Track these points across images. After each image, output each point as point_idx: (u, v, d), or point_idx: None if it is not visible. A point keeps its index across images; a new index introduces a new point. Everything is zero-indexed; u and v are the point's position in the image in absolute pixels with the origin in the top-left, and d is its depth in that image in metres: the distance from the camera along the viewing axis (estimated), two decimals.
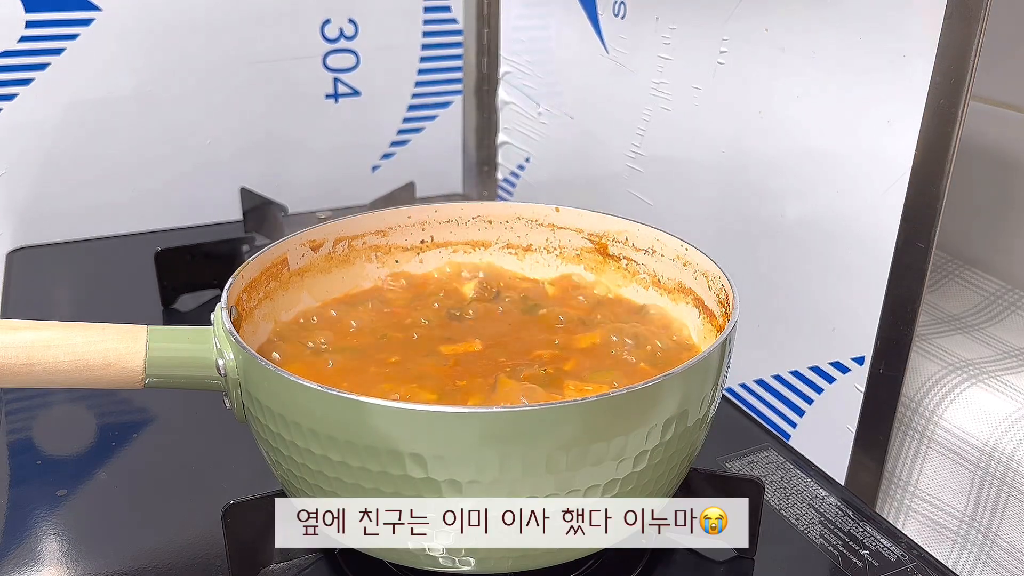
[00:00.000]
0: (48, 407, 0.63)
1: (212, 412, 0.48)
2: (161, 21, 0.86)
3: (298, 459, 0.42)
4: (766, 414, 0.67)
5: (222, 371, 0.44)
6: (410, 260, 0.60)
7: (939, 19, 0.49)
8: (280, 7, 0.90)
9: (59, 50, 0.84)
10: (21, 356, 0.42)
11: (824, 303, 0.60)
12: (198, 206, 0.93)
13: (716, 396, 0.45)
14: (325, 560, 0.49)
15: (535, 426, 0.39)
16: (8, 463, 0.56)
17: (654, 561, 0.50)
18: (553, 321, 0.55)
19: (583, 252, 0.60)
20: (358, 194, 0.96)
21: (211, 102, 0.91)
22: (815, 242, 0.60)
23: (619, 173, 0.79)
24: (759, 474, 0.57)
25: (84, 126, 0.87)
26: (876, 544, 0.51)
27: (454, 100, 1.02)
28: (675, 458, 0.44)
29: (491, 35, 0.96)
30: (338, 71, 0.95)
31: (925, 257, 0.52)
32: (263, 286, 0.53)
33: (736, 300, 0.48)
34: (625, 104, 0.76)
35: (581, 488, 0.40)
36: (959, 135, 0.50)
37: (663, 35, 0.71)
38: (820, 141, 0.59)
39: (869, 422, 0.58)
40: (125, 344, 0.44)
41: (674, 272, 0.55)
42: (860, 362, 0.58)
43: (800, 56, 0.59)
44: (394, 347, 0.52)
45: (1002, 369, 0.58)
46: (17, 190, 0.87)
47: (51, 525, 0.51)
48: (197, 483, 0.55)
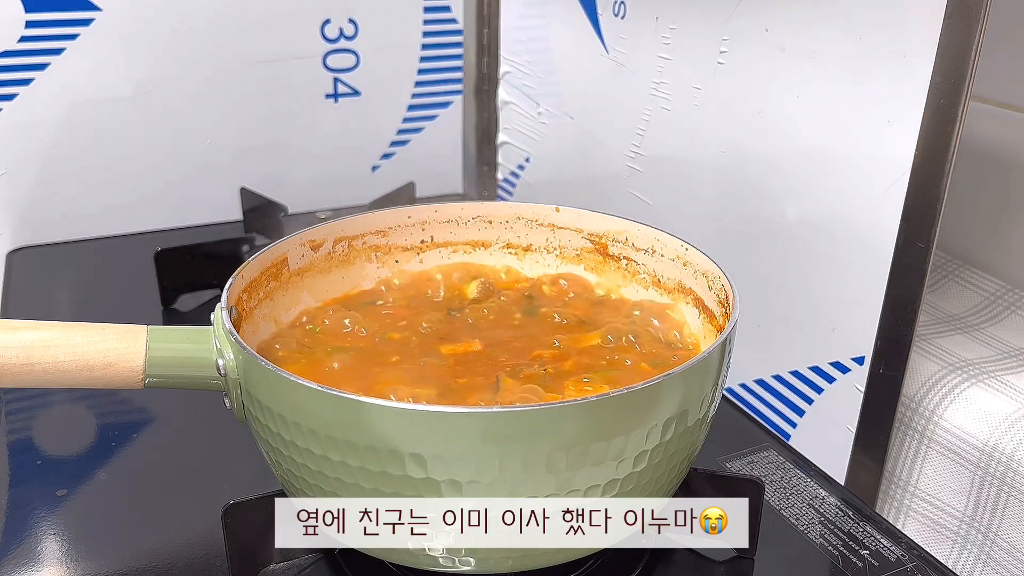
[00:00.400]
0: (48, 407, 0.63)
1: (212, 412, 0.48)
2: (161, 21, 0.86)
3: (298, 459, 0.42)
4: (766, 414, 0.67)
5: (222, 371, 0.44)
6: (410, 260, 0.60)
7: (939, 19, 0.49)
8: (280, 7, 0.90)
9: (59, 50, 0.84)
10: (21, 356, 0.42)
11: (824, 303, 0.60)
12: (198, 206, 0.93)
13: (716, 396, 0.45)
14: (325, 560, 0.49)
15: (535, 426, 0.39)
16: (8, 463, 0.56)
17: (654, 561, 0.50)
18: (553, 321, 0.55)
19: (583, 252, 0.60)
20: (358, 194, 0.96)
21: (211, 102, 0.91)
22: (815, 242, 0.60)
23: (619, 173, 0.79)
24: (759, 474, 0.57)
25: (84, 126, 0.87)
26: (876, 544, 0.51)
27: (454, 100, 1.02)
28: (675, 458, 0.44)
29: (491, 35, 0.96)
30: (338, 71, 0.95)
31: (925, 257, 0.52)
32: (263, 286, 0.53)
33: (736, 300, 0.48)
34: (625, 104, 0.76)
35: (581, 488, 0.40)
36: (959, 135, 0.50)
37: (663, 35, 0.71)
38: (820, 141, 0.59)
39: (869, 422, 0.58)
40: (125, 344, 0.44)
41: (674, 272, 0.55)
42: (860, 362, 0.58)
43: (800, 56, 0.59)
44: (394, 347, 0.52)
45: (1002, 369, 0.58)
46: (17, 190, 0.87)
47: (51, 525, 0.51)
48: (197, 483, 0.55)
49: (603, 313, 0.56)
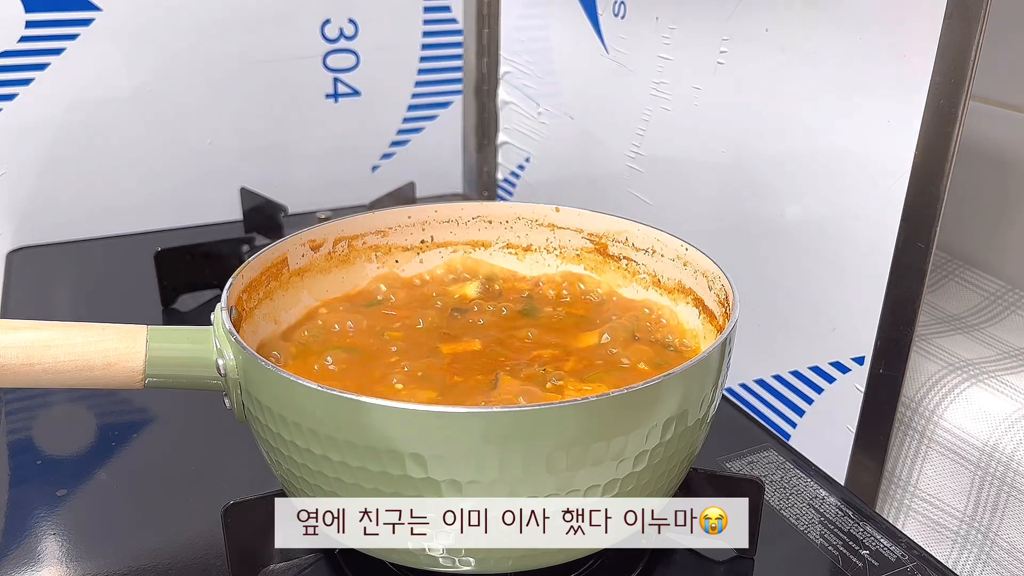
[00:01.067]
0: (48, 407, 0.63)
1: (212, 412, 0.48)
2: (161, 21, 0.86)
3: (298, 459, 0.42)
4: (766, 414, 0.67)
5: (222, 371, 0.44)
6: (410, 260, 0.60)
7: (939, 19, 0.49)
8: (280, 7, 0.90)
9: (59, 50, 0.84)
10: (21, 356, 0.42)
11: (824, 303, 0.60)
12: (198, 206, 0.93)
13: (716, 396, 0.45)
14: (325, 560, 0.49)
15: (535, 426, 0.39)
16: (8, 463, 0.56)
17: (654, 561, 0.50)
18: (553, 321, 0.55)
19: (583, 252, 0.60)
20: (358, 194, 0.96)
21: (211, 102, 0.91)
22: (815, 242, 0.60)
23: (619, 173, 0.79)
24: (759, 474, 0.57)
25: (84, 126, 0.87)
26: (876, 544, 0.51)
27: (454, 100, 1.02)
28: (675, 458, 0.44)
29: (491, 35, 0.96)
30: (338, 71, 0.95)
31: (925, 257, 0.52)
32: (263, 286, 0.53)
33: (736, 300, 0.48)
34: (625, 104, 0.76)
35: (581, 488, 0.40)
36: (959, 135, 0.50)
37: (663, 35, 0.71)
38: (820, 141, 0.59)
39: (869, 422, 0.58)
40: (125, 344, 0.44)
41: (674, 272, 0.55)
42: (860, 362, 0.58)
43: (800, 56, 0.59)
44: (394, 347, 0.52)
45: (1002, 369, 0.58)
46: (17, 190, 0.87)
47: (51, 525, 0.51)
48: (197, 483, 0.55)
49: (603, 313, 0.56)
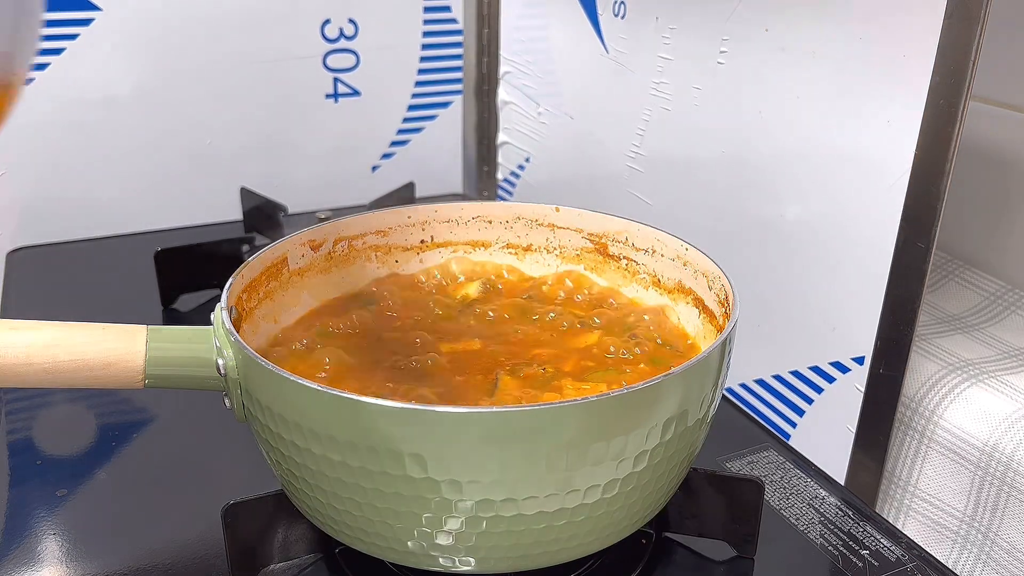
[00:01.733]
0: (48, 407, 0.63)
1: (212, 412, 0.48)
2: (161, 21, 0.86)
3: (298, 459, 0.42)
4: (766, 414, 0.67)
5: (222, 371, 0.44)
6: (410, 260, 0.60)
7: (939, 19, 0.49)
8: (280, 7, 0.90)
9: (59, 50, 0.84)
10: (21, 356, 0.42)
11: (824, 303, 0.60)
12: (198, 206, 0.93)
13: (716, 396, 0.45)
14: (325, 560, 0.49)
15: (535, 426, 0.38)
16: (8, 463, 0.56)
17: (654, 561, 0.50)
18: (553, 321, 0.55)
19: (583, 252, 0.60)
20: (358, 194, 0.96)
21: (211, 102, 0.91)
22: (815, 242, 0.60)
23: (619, 173, 0.79)
24: (759, 474, 0.57)
25: (84, 126, 0.87)
26: (876, 544, 0.51)
27: (454, 100, 1.02)
28: (675, 458, 0.44)
29: (491, 35, 0.96)
30: (338, 71, 0.95)
31: (925, 257, 0.52)
32: (263, 286, 0.53)
33: (736, 300, 0.48)
34: (625, 104, 0.76)
35: (581, 488, 0.40)
36: (959, 135, 0.50)
37: (663, 35, 0.71)
38: (820, 141, 0.59)
39: (869, 422, 0.58)
40: (125, 344, 0.44)
41: (674, 272, 0.55)
42: (860, 362, 0.58)
43: (800, 56, 0.59)
44: (394, 347, 0.52)
45: (1002, 369, 0.58)
46: (17, 190, 0.86)
47: (51, 525, 0.51)
48: (197, 483, 0.55)
49: (603, 313, 0.56)
